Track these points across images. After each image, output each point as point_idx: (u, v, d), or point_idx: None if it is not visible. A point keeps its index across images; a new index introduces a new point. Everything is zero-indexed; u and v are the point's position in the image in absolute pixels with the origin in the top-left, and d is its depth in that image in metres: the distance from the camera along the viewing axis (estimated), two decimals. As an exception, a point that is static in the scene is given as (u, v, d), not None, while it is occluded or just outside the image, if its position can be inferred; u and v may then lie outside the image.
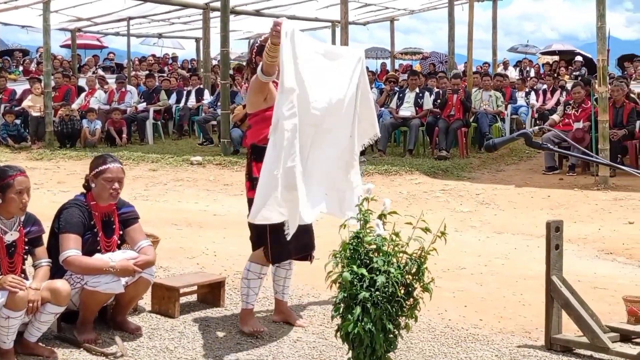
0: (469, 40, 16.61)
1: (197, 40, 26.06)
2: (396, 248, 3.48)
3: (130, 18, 21.35)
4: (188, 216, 9.51)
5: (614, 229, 8.66)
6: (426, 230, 3.55)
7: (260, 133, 4.92)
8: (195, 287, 5.68)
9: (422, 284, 3.51)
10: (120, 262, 4.77)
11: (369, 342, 3.31)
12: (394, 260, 3.44)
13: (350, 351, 3.47)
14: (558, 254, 4.92)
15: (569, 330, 4.98)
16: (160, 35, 26.70)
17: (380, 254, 3.41)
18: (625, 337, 5.00)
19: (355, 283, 3.32)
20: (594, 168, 12.23)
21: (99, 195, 4.95)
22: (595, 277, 6.79)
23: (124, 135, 16.38)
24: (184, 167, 13.36)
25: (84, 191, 5.05)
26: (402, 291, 3.42)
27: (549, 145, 3.46)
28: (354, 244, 3.43)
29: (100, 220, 4.99)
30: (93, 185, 4.97)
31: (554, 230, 4.89)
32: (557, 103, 18.31)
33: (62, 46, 27.50)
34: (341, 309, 3.44)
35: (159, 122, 17.61)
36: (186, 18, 22.27)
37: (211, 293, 5.70)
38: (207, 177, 12.45)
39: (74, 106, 16.93)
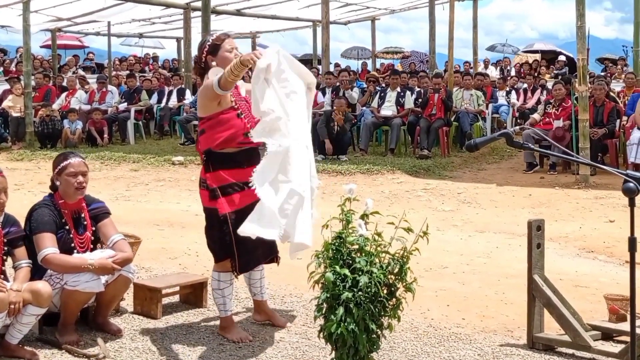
0: (450, 40, 16.68)
1: (178, 40, 26.02)
2: (378, 248, 3.48)
3: (110, 23, 21.28)
4: (170, 216, 9.48)
5: (594, 228, 8.70)
6: (408, 230, 3.56)
7: (216, 137, 4.76)
8: (177, 288, 5.66)
9: (404, 283, 3.52)
10: (98, 260, 4.75)
11: (352, 342, 3.31)
12: (377, 260, 3.44)
13: (334, 352, 3.47)
14: (539, 252, 4.94)
15: (551, 329, 5.00)
16: (141, 35, 26.59)
17: (363, 254, 3.40)
18: (607, 335, 5.03)
19: (337, 283, 3.31)
20: (575, 167, 12.32)
21: (65, 192, 4.93)
22: (577, 275, 6.82)
23: (105, 136, 16.32)
24: (165, 167, 13.31)
25: (52, 192, 5.03)
26: (385, 291, 3.43)
27: (529, 144, 3.48)
28: (337, 244, 3.43)
29: (71, 217, 4.97)
30: (58, 183, 4.96)
31: (536, 229, 4.91)
32: (538, 102, 18.41)
33: (42, 46, 27.33)
34: (324, 310, 3.44)
35: (140, 122, 17.55)
36: (167, 18, 22.20)
37: (193, 294, 5.68)
38: (188, 177, 12.40)
39: (55, 106, 16.87)
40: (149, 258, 6.96)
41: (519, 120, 18.72)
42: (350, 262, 3.41)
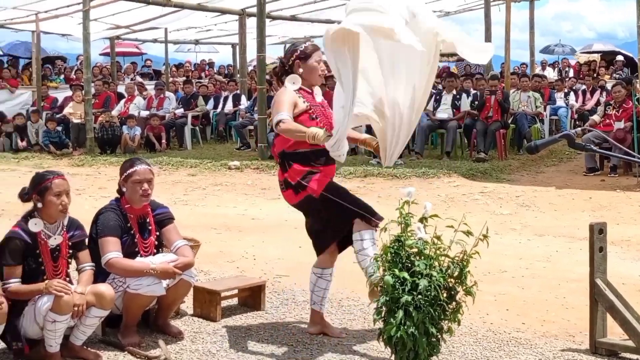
0: (507, 41, 16.50)
1: (232, 45, 26.23)
2: (438, 251, 3.46)
3: (167, 30, 21.57)
4: (227, 220, 9.56)
5: (656, 231, 8.53)
6: (468, 233, 3.54)
7: (289, 139, 4.89)
8: (236, 291, 5.71)
9: (464, 287, 3.49)
10: (160, 265, 4.82)
11: (412, 345, 3.29)
12: (436, 263, 3.42)
13: (393, 355, 3.46)
14: (602, 256, 4.86)
15: (614, 334, 4.92)
16: (197, 42, 26.88)
17: (422, 258, 3.39)
18: (672, 340, 4.92)
19: (397, 287, 3.30)
20: (636, 169, 12.09)
21: (131, 198, 5.01)
22: (636, 280, 6.69)
23: (163, 141, 16.55)
24: (222, 172, 13.43)
25: (118, 196, 5.11)
26: (445, 295, 3.41)
27: (591, 146, 3.42)
28: (395, 247, 3.42)
29: (136, 222, 5.05)
30: (124, 189, 5.03)
31: (598, 233, 4.83)
32: (597, 103, 18.13)
33: (101, 54, 27.82)
34: (383, 313, 3.43)
35: (196, 128, 17.74)
36: (222, 25, 22.40)
37: (252, 297, 5.72)
38: (245, 182, 12.50)
39: (114, 113, 17.13)
40: (207, 261, 7.02)
41: (577, 122, 18.46)
42: (409, 265, 3.40)
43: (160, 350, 4.76)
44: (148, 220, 5.08)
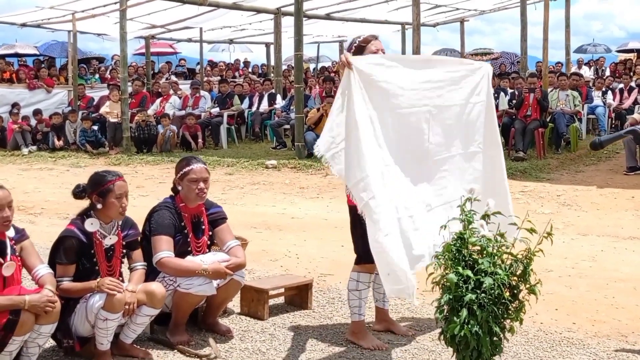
0: (544, 40, 16.32)
1: (267, 45, 26.25)
2: (501, 249, 3.41)
3: (202, 29, 21.60)
4: (267, 219, 9.55)
5: None
6: (532, 231, 3.49)
7: None
8: (282, 290, 5.68)
9: (527, 285, 3.44)
10: (212, 265, 4.80)
11: (476, 345, 3.25)
12: (499, 261, 3.37)
13: (455, 354, 3.41)
14: (657, 255, 4.78)
15: (669, 334, 4.84)
16: (231, 41, 26.94)
17: (485, 255, 3.34)
18: None
19: (460, 285, 3.26)
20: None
21: (187, 197, 4.99)
22: (690, 279, 6.58)
23: (200, 140, 16.59)
24: (259, 171, 13.43)
25: (172, 194, 5.10)
26: (507, 293, 3.36)
27: (658, 142, 3.35)
28: (458, 245, 3.37)
29: (190, 221, 5.03)
30: (180, 187, 5.02)
31: (653, 231, 4.75)
32: (635, 102, 17.90)
33: (135, 54, 27.98)
34: (445, 311, 3.38)
35: (232, 127, 17.77)
36: (257, 24, 22.42)
37: (298, 295, 5.70)
38: (282, 181, 12.49)
39: (150, 112, 17.21)
40: (250, 260, 6.96)
41: (614, 121, 18.24)
42: (472, 263, 3.35)
43: (211, 349, 4.76)
44: (202, 219, 5.07)
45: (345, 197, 4.90)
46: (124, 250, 4.74)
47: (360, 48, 4.93)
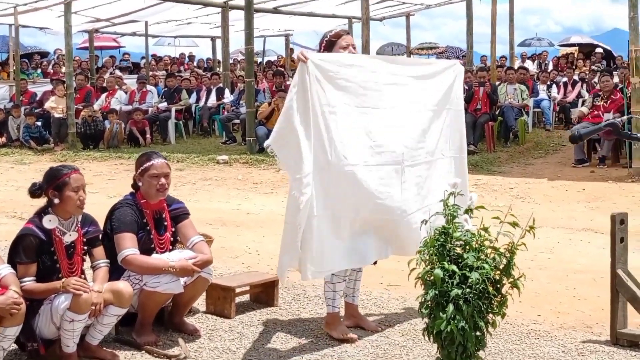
0: (492, 34, 16.56)
1: (212, 39, 26.03)
2: (485, 243, 3.41)
3: (148, 23, 21.31)
4: (222, 216, 9.45)
5: (655, 221, 8.53)
6: (514, 224, 3.50)
7: None
8: (248, 287, 5.61)
9: (510, 279, 3.44)
10: (179, 262, 4.71)
11: (461, 340, 3.23)
12: (483, 256, 3.37)
13: (440, 350, 3.39)
14: (623, 247, 4.83)
15: (631, 324, 4.88)
16: (176, 36, 26.65)
17: (469, 250, 3.33)
18: (693, 331, 4.91)
19: (446, 280, 3.24)
20: (625, 160, 12.17)
21: (148, 193, 4.90)
22: (642, 271, 6.68)
23: (148, 136, 16.35)
24: (210, 167, 13.30)
25: (133, 191, 4.99)
26: (491, 288, 3.35)
27: (638, 135, 3.39)
28: (442, 240, 3.35)
29: (152, 218, 4.94)
30: (140, 183, 4.93)
31: (619, 223, 4.80)
32: (578, 95, 18.23)
33: (78, 48, 27.47)
34: (428, 307, 3.36)
35: (180, 122, 17.56)
36: (204, 17, 22.21)
37: (264, 292, 5.64)
38: (235, 176, 12.38)
39: (95, 107, 16.90)
40: (211, 257, 6.91)
41: (559, 114, 18.55)
42: (456, 258, 3.34)
43: (180, 349, 4.66)
44: (164, 215, 4.98)
45: None
46: (85, 248, 4.62)
47: (331, 43, 4.93)
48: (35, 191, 4.55)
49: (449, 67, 5.18)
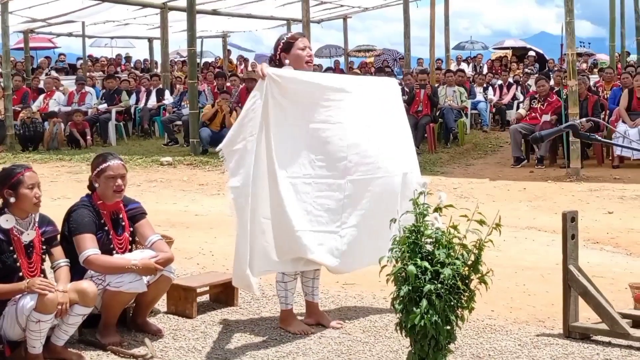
0: (431, 37, 16.84)
1: (149, 40, 25.83)
2: (454, 240, 3.54)
3: (85, 24, 21.03)
4: (170, 217, 9.43)
5: (595, 219, 8.83)
6: (482, 222, 3.63)
7: None
8: (208, 287, 5.65)
9: (478, 275, 3.58)
10: (142, 260, 4.74)
11: (434, 333, 3.36)
12: (452, 252, 3.50)
13: (413, 344, 3.51)
14: (574, 243, 5.02)
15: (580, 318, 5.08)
16: (113, 36, 26.36)
17: (440, 247, 3.45)
18: (637, 323, 5.12)
19: (419, 276, 3.36)
20: (562, 160, 12.55)
21: (104, 194, 4.92)
22: (590, 266, 6.87)
23: (88, 137, 16.17)
24: (154, 168, 13.23)
25: (89, 192, 5.00)
26: (460, 283, 3.48)
27: (596, 136, 3.56)
28: (413, 237, 3.47)
29: (110, 218, 4.96)
30: (97, 184, 4.94)
31: (570, 221, 4.99)
32: (514, 97, 18.70)
33: (13, 48, 26.90)
34: (400, 303, 3.47)
35: (120, 123, 17.40)
36: (142, 19, 22.03)
37: (224, 292, 5.68)
38: (180, 178, 12.36)
39: (33, 108, 16.63)
40: (165, 258, 6.91)
41: (496, 116, 19.00)
42: (427, 254, 3.46)
43: (146, 349, 4.68)
44: (121, 216, 5.00)
45: None
46: (44, 247, 4.61)
47: (288, 44, 5.02)
48: None
49: (391, 85, 5.36)
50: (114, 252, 4.89)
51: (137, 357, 4.60)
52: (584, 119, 3.64)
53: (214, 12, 21.35)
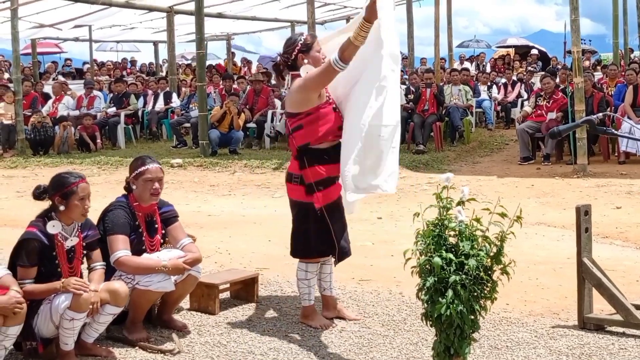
0: (436, 37, 16.97)
1: (155, 43, 25.98)
2: (477, 232, 3.68)
3: (92, 28, 21.16)
4: (183, 218, 9.31)
5: (604, 214, 8.95)
6: (503, 215, 3.77)
7: (316, 131, 4.95)
8: (229, 284, 5.79)
9: (501, 266, 3.72)
10: (171, 261, 4.87)
11: (459, 323, 3.49)
12: (476, 245, 3.64)
13: (438, 334, 3.64)
14: (587, 236, 5.15)
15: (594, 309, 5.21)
16: (118, 40, 26.52)
17: (464, 239, 3.59)
18: (650, 313, 5.25)
19: (445, 267, 3.50)
20: (569, 157, 12.68)
21: (141, 196, 5.04)
22: (600, 260, 6.95)
23: (98, 141, 16.33)
24: (165, 170, 13.24)
25: (126, 193, 5.13)
26: (483, 274, 3.62)
27: (612, 130, 3.68)
28: (437, 230, 3.61)
29: (144, 220, 5.09)
30: (134, 186, 5.06)
31: (583, 214, 5.13)
32: (519, 95, 18.82)
33: (21, 54, 27.06)
34: (426, 294, 3.61)
35: (129, 127, 17.56)
36: (148, 22, 22.19)
37: (244, 289, 5.82)
38: (191, 179, 12.50)
39: (43, 113, 16.78)
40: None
41: (501, 114, 19.11)
42: (451, 247, 3.60)
43: (173, 344, 4.82)
44: (155, 218, 5.13)
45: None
46: (85, 252, 4.74)
47: (307, 46, 5.09)
48: (39, 194, 4.68)
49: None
50: (145, 252, 5.01)
51: (165, 352, 4.73)
52: (600, 114, 3.75)
53: (219, 15, 21.48)
